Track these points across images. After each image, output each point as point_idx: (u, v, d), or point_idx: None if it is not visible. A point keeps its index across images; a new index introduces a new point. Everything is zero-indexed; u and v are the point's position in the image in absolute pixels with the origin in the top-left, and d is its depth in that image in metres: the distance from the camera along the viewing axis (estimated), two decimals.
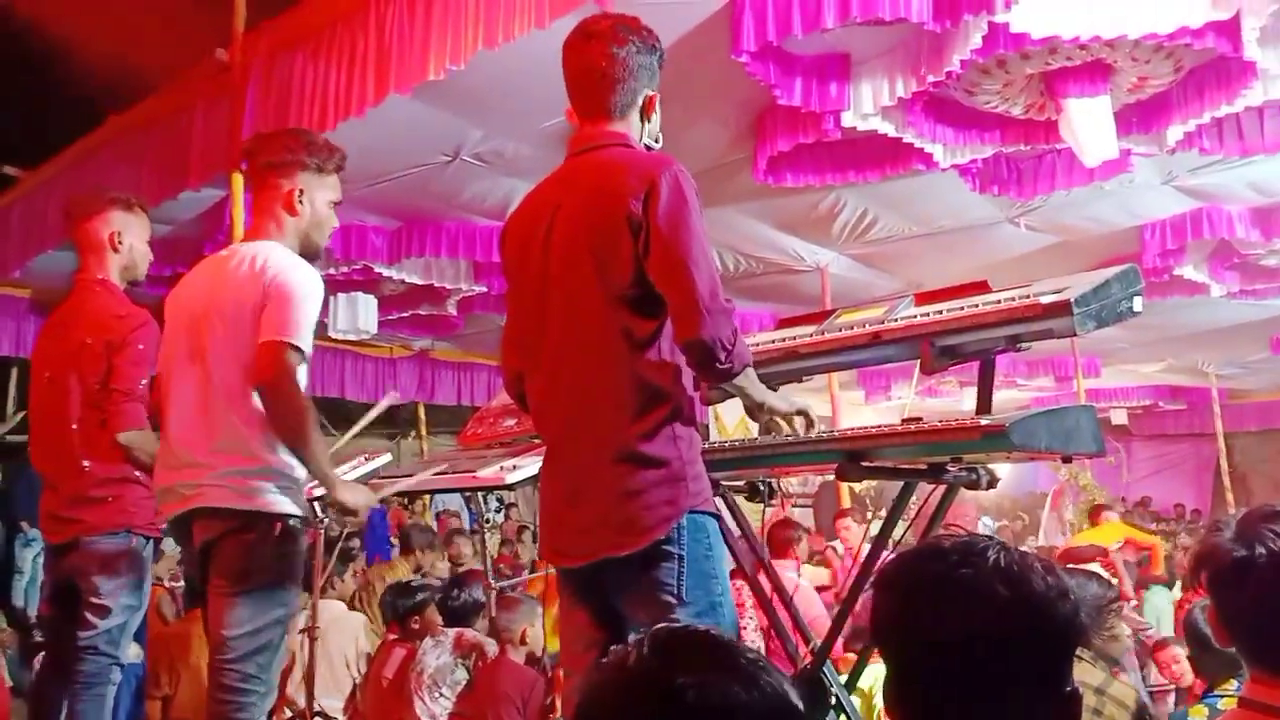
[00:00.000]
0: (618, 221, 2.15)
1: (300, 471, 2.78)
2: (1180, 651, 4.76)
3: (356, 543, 9.22)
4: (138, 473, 3.33)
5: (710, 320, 2.09)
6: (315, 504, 4.39)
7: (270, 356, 2.66)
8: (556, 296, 2.26)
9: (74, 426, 3.35)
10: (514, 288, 2.43)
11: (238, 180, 4.43)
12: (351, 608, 5.89)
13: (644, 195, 2.13)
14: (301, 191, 2.90)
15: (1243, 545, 1.64)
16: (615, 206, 2.16)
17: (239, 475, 2.69)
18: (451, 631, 4.75)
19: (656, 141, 2.41)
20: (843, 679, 2.80)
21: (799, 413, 2.33)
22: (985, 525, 9.93)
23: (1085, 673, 3.09)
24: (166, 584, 6.58)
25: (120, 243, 3.50)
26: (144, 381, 3.33)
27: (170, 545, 6.75)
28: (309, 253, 2.94)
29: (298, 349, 2.69)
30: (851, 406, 11.85)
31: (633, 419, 2.15)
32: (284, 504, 2.73)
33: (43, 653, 3.59)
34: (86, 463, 3.33)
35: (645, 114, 2.36)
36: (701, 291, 2.10)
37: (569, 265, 2.23)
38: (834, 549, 7.46)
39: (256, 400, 2.71)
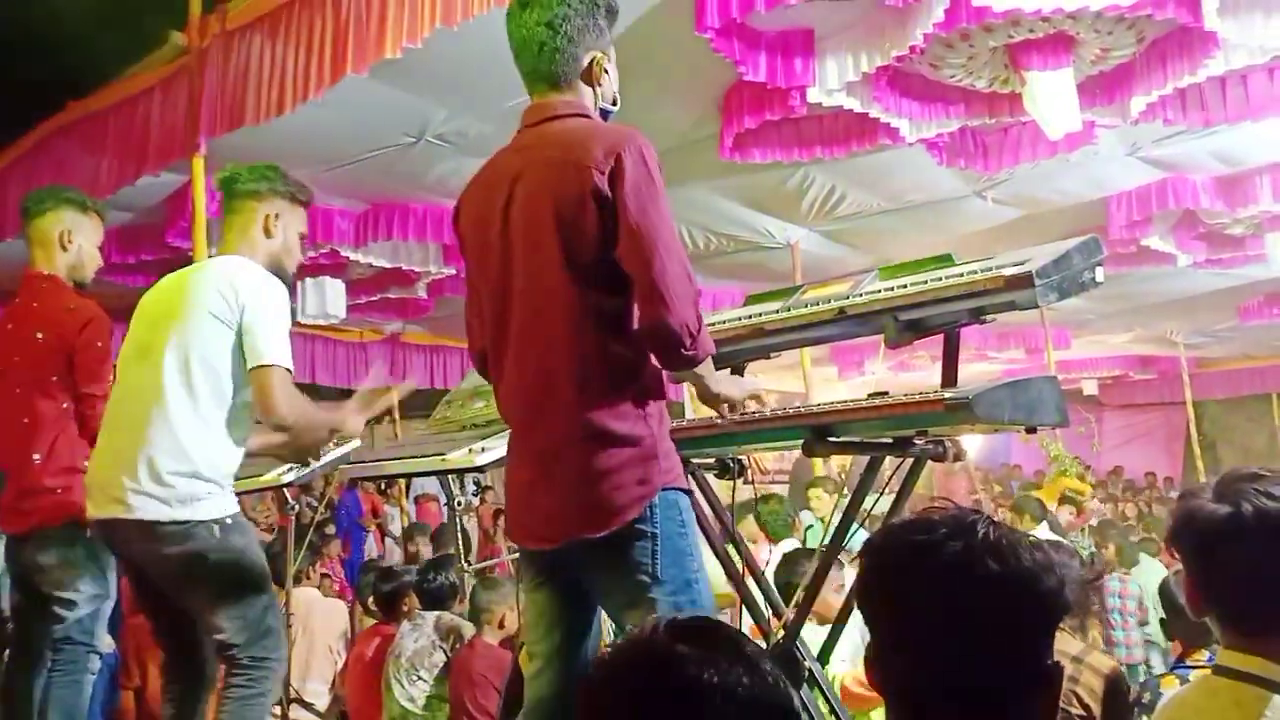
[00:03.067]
0: (583, 194, 2.10)
1: (229, 471, 2.85)
2: None
3: (331, 529, 9.23)
4: (86, 463, 3.33)
5: (678, 306, 2.06)
6: (285, 490, 4.40)
7: (269, 384, 2.75)
8: (518, 271, 2.21)
9: (25, 421, 3.35)
10: (473, 264, 2.37)
11: (198, 165, 4.39)
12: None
13: (609, 170, 2.08)
14: (277, 216, 3.00)
15: (1227, 504, 1.63)
16: (580, 179, 2.10)
17: (167, 479, 2.73)
18: (430, 615, 4.74)
19: (614, 104, 2.35)
20: None
21: (752, 398, 2.34)
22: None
23: (1064, 643, 3.12)
24: None
25: (69, 242, 3.51)
26: (111, 378, 3.35)
27: None
28: (280, 279, 2.99)
29: (288, 370, 2.80)
30: (824, 382, 11.90)
31: (601, 397, 2.11)
32: (214, 508, 2.79)
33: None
34: (37, 456, 3.33)
35: (593, 78, 2.29)
36: (672, 275, 2.06)
37: (531, 239, 2.18)
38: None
39: (206, 405, 2.79)
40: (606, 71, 2.31)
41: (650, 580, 2.10)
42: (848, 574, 3.69)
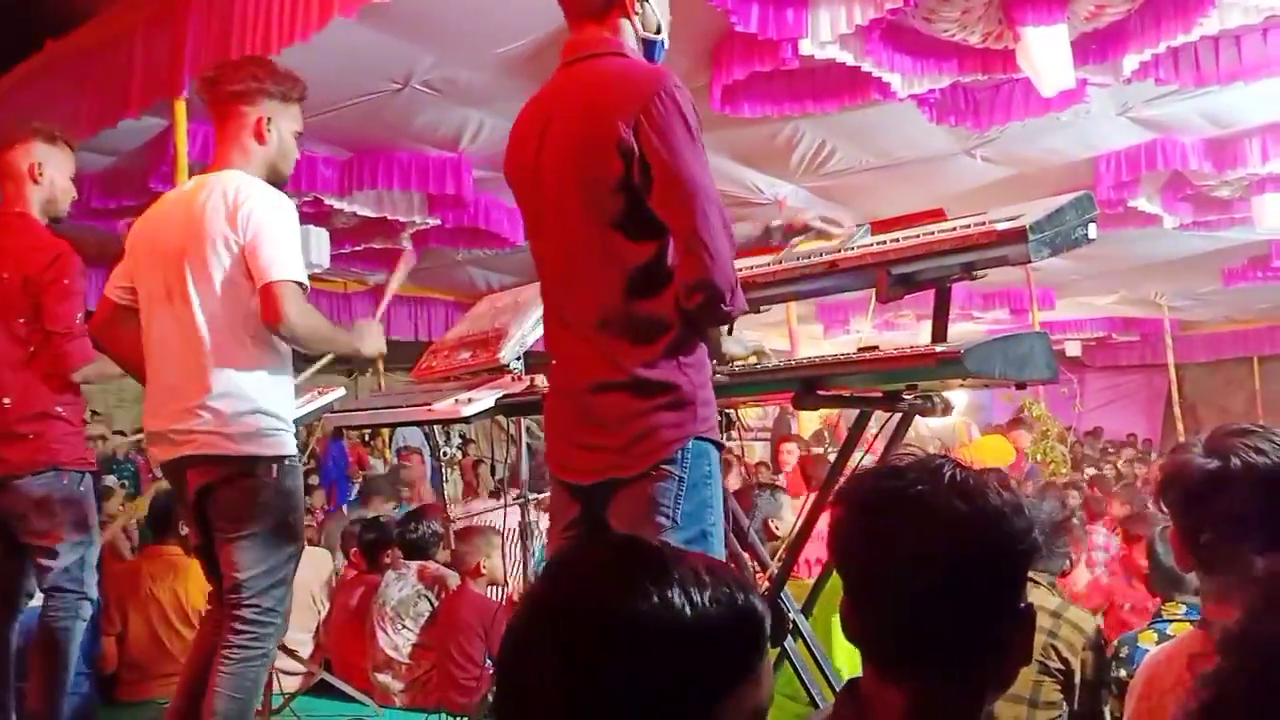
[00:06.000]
0: (606, 146, 2.04)
1: (289, 409, 2.80)
2: None
3: (315, 479, 9.23)
4: (59, 408, 3.28)
5: (722, 261, 2.01)
6: None
7: (275, 298, 2.64)
8: (550, 219, 2.20)
9: None
10: (520, 207, 2.34)
11: (180, 108, 4.32)
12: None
13: (635, 119, 2.02)
14: (269, 119, 2.85)
15: (1216, 458, 1.64)
16: (604, 129, 2.05)
17: (231, 419, 2.67)
18: (414, 564, 4.76)
19: (658, 32, 2.26)
20: None
21: (755, 354, 2.34)
22: None
23: (1042, 597, 3.15)
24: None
25: (40, 175, 3.41)
26: (79, 316, 3.28)
27: (114, 482, 6.68)
28: (275, 182, 2.89)
29: (297, 283, 2.69)
30: (810, 340, 11.91)
31: (637, 346, 2.08)
32: (279, 445, 2.74)
33: None
34: (6, 400, 3.27)
35: (627, 8, 2.20)
36: (714, 228, 2.01)
37: (557, 189, 2.15)
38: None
39: (244, 337, 2.70)
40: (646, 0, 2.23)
41: (669, 523, 2.08)
42: None
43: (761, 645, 1.05)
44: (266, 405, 2.71)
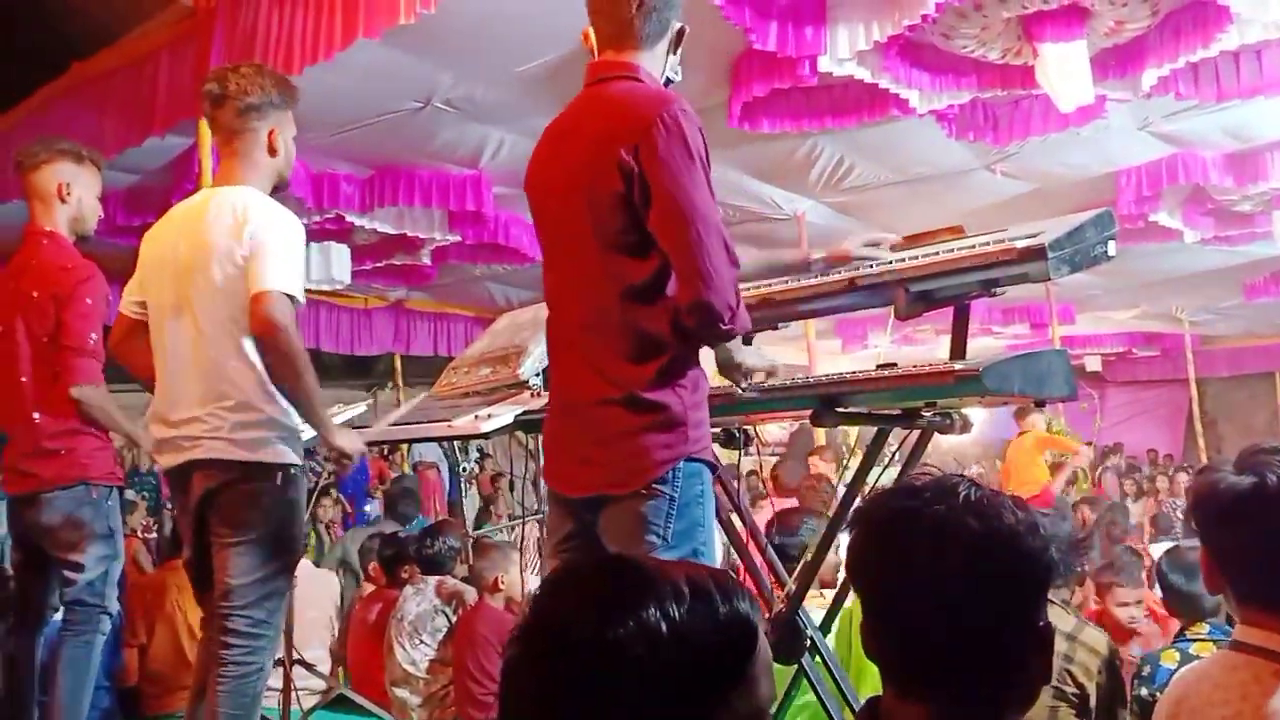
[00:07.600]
0: (608, 168, 2.09)
1: (297, 419, 2.79)
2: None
3: (333, 494, 9.25)
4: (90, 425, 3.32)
5: (719, 283, 2.03)
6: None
7: (264, 307, 2.63)
8: (557, 238, 2.26)
9: (24, 379, 3.34)
10: (534, 223, 2.40)
11: (204, 127, 4.35)
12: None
13: (636, 142, 2.06)
14: (278, 131, 2.88)
15: (1251, 476, 1.62)
16: (608, 153, 2.09)
17: (239, 427, 2.69)
18: (432, 579, 4.77)
19: (677, 74, 2.33)
20: None
21: (769, 369, 2.36)
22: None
23: (1058, 619, 3.12)
24: (140, 535, 6.56)
25: (69, 194, 3.45)
26: (94, 336, 3.31)
27: (136, 496, 6.71)
28: (279, 187, 2.93)
29: (289, 296, 2.68)
30: (828, 355, 11.88)
31: (632, 365, 2.12)
32: (284, 454, 2.75)
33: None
34: (37, 415, 3.32)
35: (672, 46, 2.29)
36: (711, 251, 2.03)
37: (565, 209, 2.21)
38: None
39: (250, 350, 2.70)
40: (680, 43, 2.32)
41: (660, 541, 2.11)
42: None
43: (750, 650, 1.05)
44: (273, 414, 2.73)
